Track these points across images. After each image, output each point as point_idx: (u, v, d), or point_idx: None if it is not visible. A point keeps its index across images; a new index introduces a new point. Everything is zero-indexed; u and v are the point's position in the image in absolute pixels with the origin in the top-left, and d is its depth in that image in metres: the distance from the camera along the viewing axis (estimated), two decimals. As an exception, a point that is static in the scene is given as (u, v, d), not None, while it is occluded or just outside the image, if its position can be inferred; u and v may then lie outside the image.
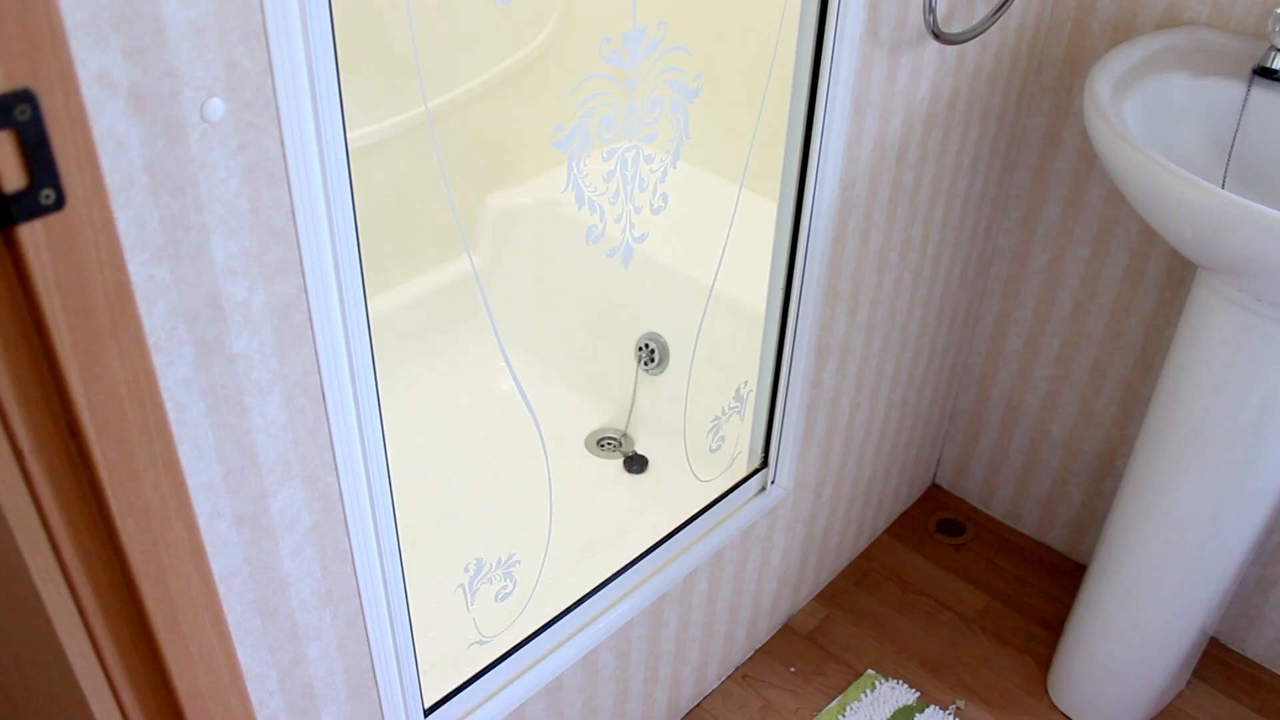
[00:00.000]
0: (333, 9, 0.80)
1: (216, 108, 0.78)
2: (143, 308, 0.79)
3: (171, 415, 0.85)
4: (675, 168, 1.18)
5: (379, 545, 1.07)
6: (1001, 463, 2.22)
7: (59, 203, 0.54)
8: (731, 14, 1.75)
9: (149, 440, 0.63)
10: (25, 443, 0.58)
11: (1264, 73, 1.51)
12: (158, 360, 0.82)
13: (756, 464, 1.72)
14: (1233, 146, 1.54)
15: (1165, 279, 1.83)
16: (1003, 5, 1.48)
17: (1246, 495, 1.55)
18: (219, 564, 0.96)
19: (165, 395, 0.83)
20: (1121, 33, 1.73)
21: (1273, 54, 1.50)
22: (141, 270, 0.79)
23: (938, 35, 1.38)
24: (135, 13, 0.71)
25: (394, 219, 1.92)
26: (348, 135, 0.86)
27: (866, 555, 2.20)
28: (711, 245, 1.59)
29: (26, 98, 0.51)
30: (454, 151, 2.00)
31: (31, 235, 0.53)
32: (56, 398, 0.58)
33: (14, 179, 0.51)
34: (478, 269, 2.06)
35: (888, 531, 2.25)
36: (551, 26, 1.92)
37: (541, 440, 1.71)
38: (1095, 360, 1.98)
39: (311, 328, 0.92)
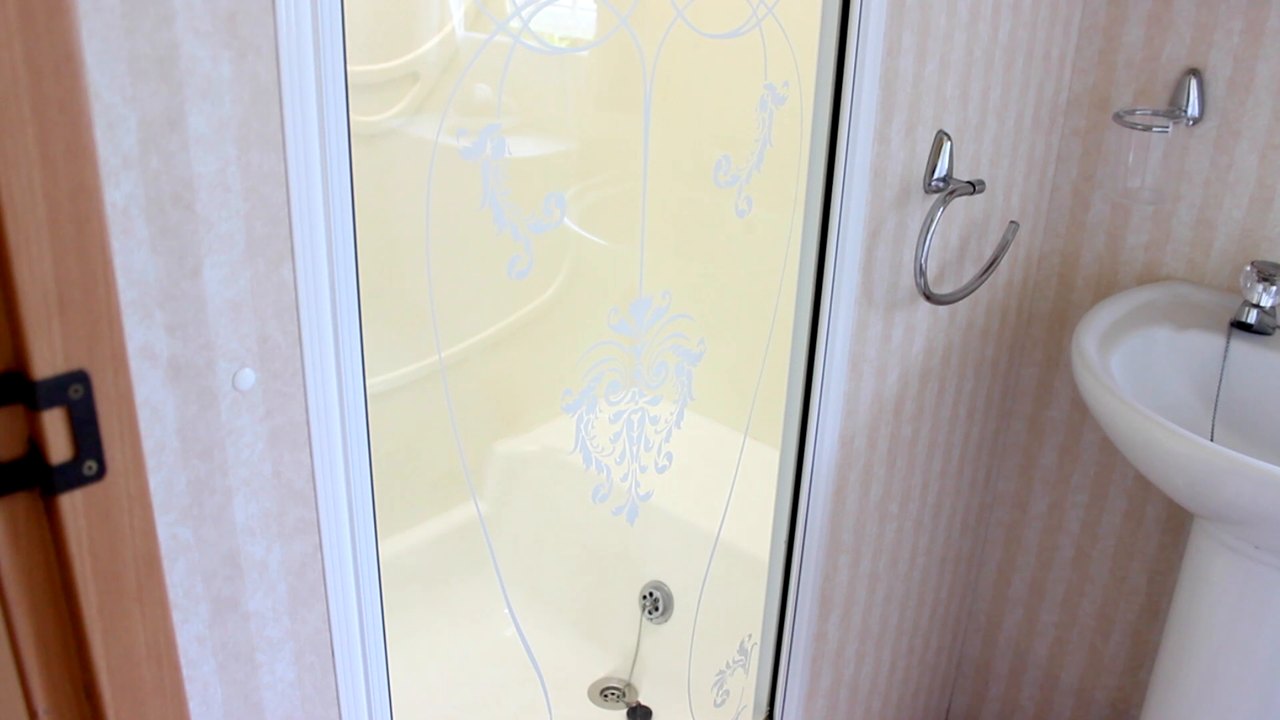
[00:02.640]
0: (359, 288, 0.86)
1: (248, 377, 0.82)
2: (165, 566, 0.82)
3: (184, 672, 0.86)
4: (679, 428, 1.22)
5: (381, 806, 1.05)
6: (1013, 712, 2.18)
7: (100, 473, 0.57)
8: (733, 280, 1.84)
9: (163, 700, 0.64)
10: (41, 704, 0.59)
11: (1241, 326, 1.58)
12: (175, 617, 0.84)
13: (762, 718, 1.69)
14: (1218, 397, 1.59)
15: (1164, 524, 1.85)
16: (990, 266, 1.56)
17: (1265, 749, 1.52)
18: (219, 828, 0.94)
19: (179, 652, 0.84)
20: (1104, 288, 1.82)
21: (1246, 309, 1.58)
22: (166, 530, 0.81)
23: (929, 297, 1.45)
24: (180, 292, 0.77)
25: (402, 464, 1.95)
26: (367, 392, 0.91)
27: (879, 812, 2.12)
28: (717, 494, 1.62)
29: (81, 378, 0.55)
30: (464, 399, 2.06)
31: (71, 504, 0.56)
32: (77, 659, 0.60)
33: (61, 452, 0.54)
34: (483, 515, 2.08)
35: (901, 786, 2.18)
36: (560, 280, 2.01)
37: (544, 690, 1.69)
38: (1101, 606, 1.98)
39: (325, 586, 0.94)
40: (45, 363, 0.53)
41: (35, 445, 0.53)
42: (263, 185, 0.80)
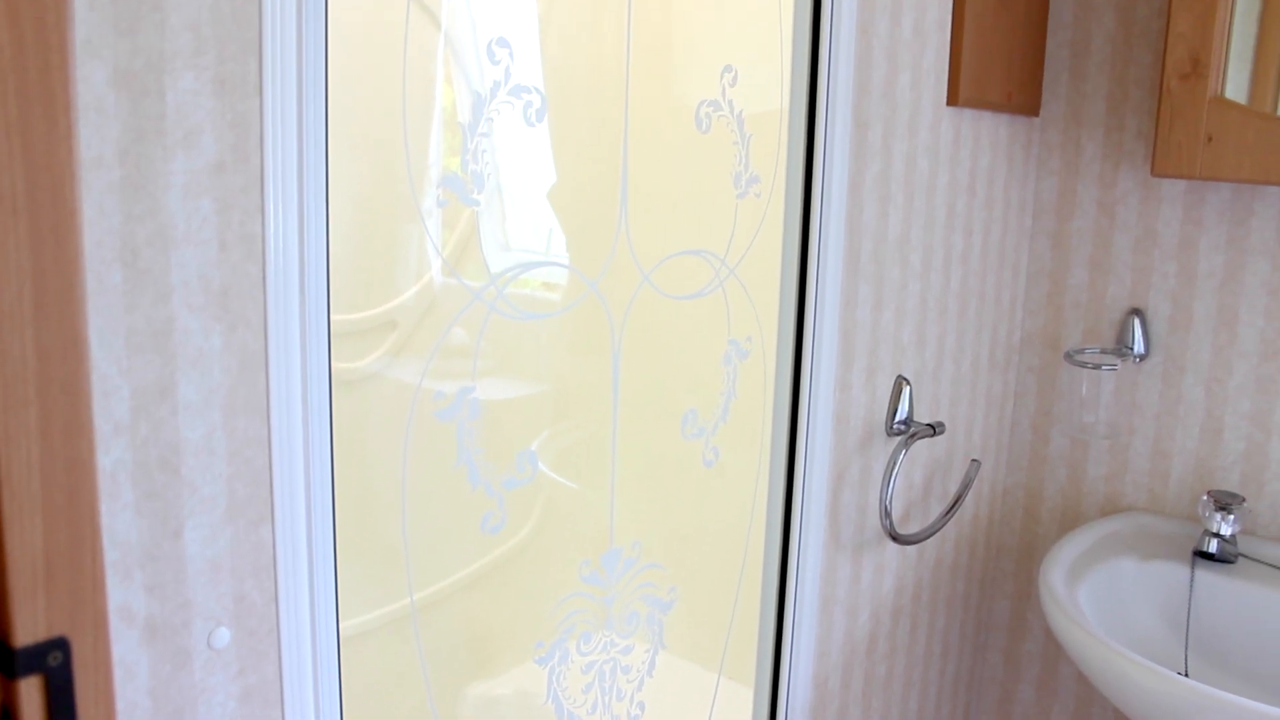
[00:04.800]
0: (336, 544, 0.88)
1: (223, 636, 0.83)
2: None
3: None
4: (651, 676, 1.22)
5: None
6: None
7: (72, 742, 0.57)
8: (703, 527, 1.87)
9: None
10: None
11: (1203, 555, 1.61)
12: None
13: None
14: (1188, 628, 1.60)
15: (1148, 762, 1.82)
16: (955, 504, 1.60)
17: None
18: None
19: None
20: (1069, 519, 1.85)
21: (1207, 538, 1.61)
22: (133, 797, 0.80)
23: (895, 538, 1.48)
24: (161, 553, 0.79)
25: (373, 707, 1.91)
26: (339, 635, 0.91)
27: None
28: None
29: (61, 644, 0.56)
30: (436, 642, 2.03)
31: (40, 773, 0.56)
32: None
33: (35, 720, 0.55)
34: (455, 763, 2.02)
35: None
36: (533, 524, 2.03)
37: None
38: None
39: None
40: (27, 631, 0.54)
41: (8, 713, 0.54)
42: (246, 449, 0.83)
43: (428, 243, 1.06)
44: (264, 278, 0.82)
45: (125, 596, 0.78)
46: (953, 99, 1.52)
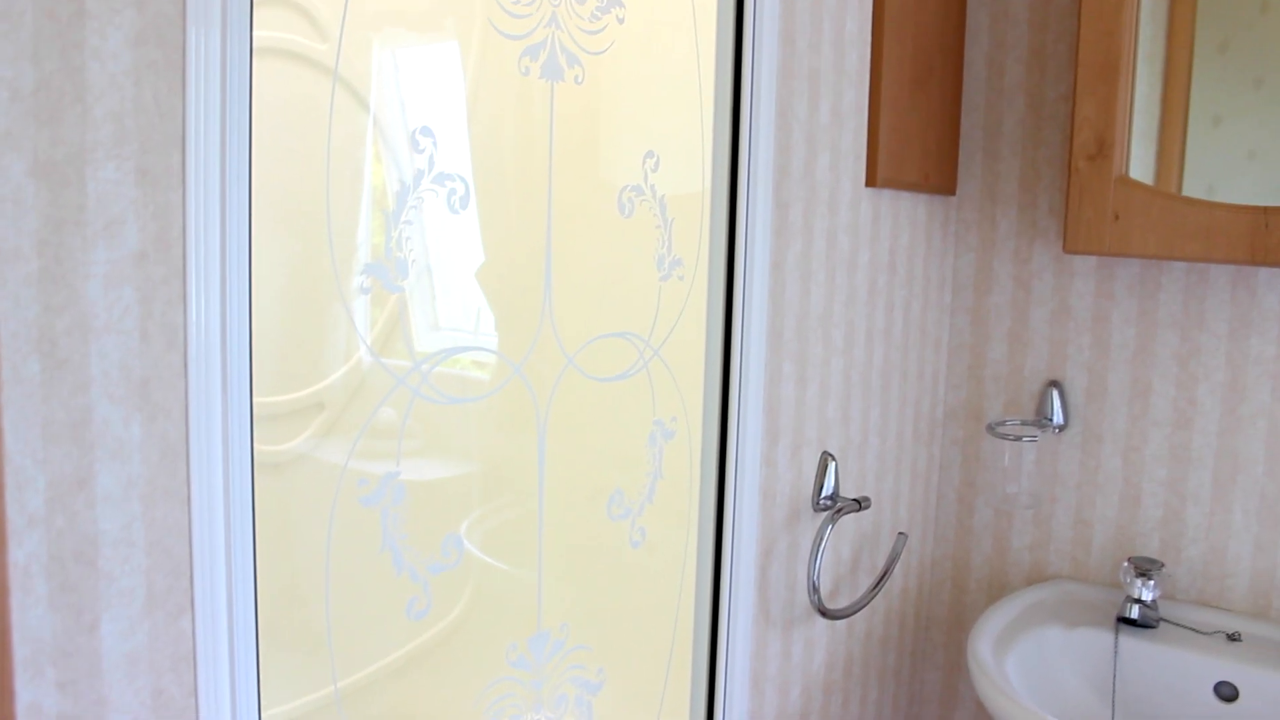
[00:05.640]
0: (259, 632, 0.87)
1: (140, 733, 0.81)
2: None
3: None
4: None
5: None
6: None
7: None
8: (631, 607, 1.87)
9: None
10: None
11: (1126, 621, 1.64)
12: None
13: None
14: (1114, 694, 1.62)
15: (1081, 831, 1.83)
16: (883, 578, 1.62)
17: None
18: None
19: None
20: (996, 589, 1.88)
21: (1129, 604, 1.64)
22: None
23: (824, 613, 1.49)
24: (75, 648, 0.77)
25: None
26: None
27: None
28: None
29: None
30: (365, 729, 1.99)
31: None
32: None
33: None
34: None
35: None
36: (461, 606, 2.00)
37: None
38: None
39: None
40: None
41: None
42: (166, 538, 0.82)
43: (355, 325, 1.07)
44: (186, 367, 0.82)
45: (35, 695, 0.76)
46: (871, 180, 1.57)
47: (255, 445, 0.92)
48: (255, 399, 0.93)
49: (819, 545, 1.48)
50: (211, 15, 0.80)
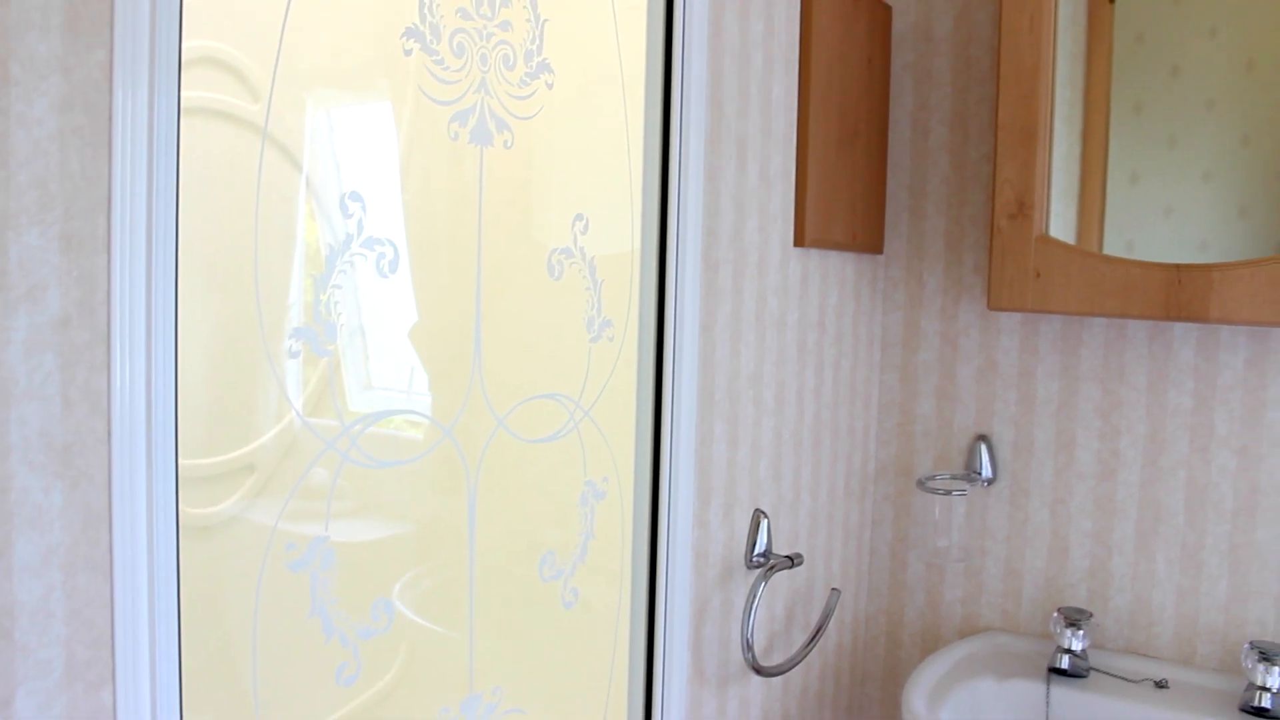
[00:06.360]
0: (182, 705, 0.85)
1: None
2: None
3: None
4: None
5: None
6: None
7: None
8: (565, 669, 1.85)
9: None
10: None
11: (1057, 671, 1.66)
12: None
13: None
14: (1048, 746, 1.64)
15: None
16: (816, 634, 1.62)
17: None
18: None
19: None
20: (930, 642, 1.89)
21: (1059, 654, 1.67)
22: None
23: (759, 670, 1.49)
24: (-10, 725, 0.75)
25: None
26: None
27: None
28: None
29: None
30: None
31: None
32: None
33: None
34: None
35: None
36: (394, 670, 1.97)
37: None
38: None
39: None
40: None
41: None
42: (87, 608, 0.81)
43: (285, 387, 1.06)
44: (109, 433, 0.81)
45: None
46: (799, 240, 1.60)
47: (183, 509, 0.91)
48: (184, 461, 0.92)
49: (752, 603, 1.49)
50: (139, 78, 0.80)
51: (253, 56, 1.00)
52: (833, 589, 1.73)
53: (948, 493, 1.81)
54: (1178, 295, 1.54)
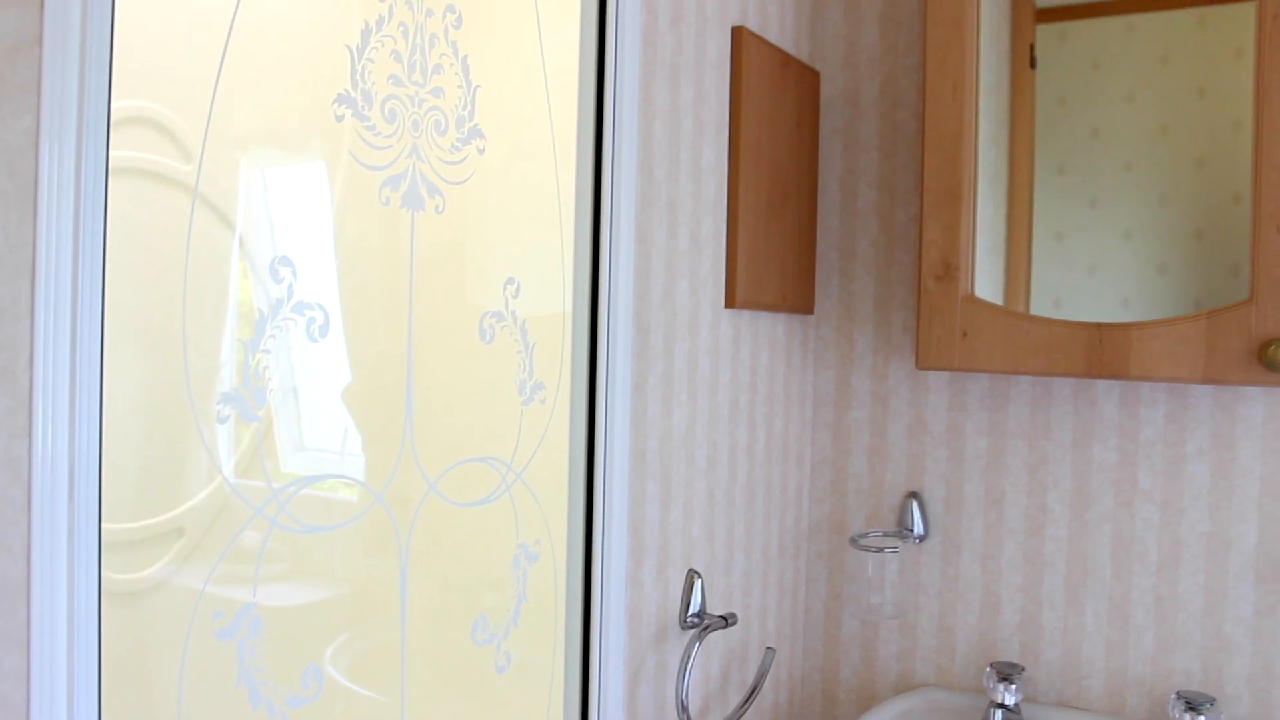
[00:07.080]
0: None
1: None
2: None
3: None
4: None
5: None
6: None
7: None
8: None
9: None
10: None
11: (992, 731, 1.67)
12: None
13: None
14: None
15: None
16: (753, 693, 1.62)
17: None
18: None
19: None
20: (865, 699, 1.90)
21: (993, 709, 1.68)
22: None
23: None
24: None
25: None
26: None
27: None
28: None
29: None
30: None
31: None
32: None
33: None
34: None
35: None
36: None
37: None
38: None
39: None
40: None
41: None
42: (0, 683, 0.79)
43: (216, 451, 1.05)
44: (29, 501, 0.80)
45: None
46: (730, 302, 1.62)
47: (109, 574, 0.89)
48: (110, 525, 0.90)
49: (687, 663, 1.48)
50: (66, 139, 0.80)
51: (185, 117, 1.00)
52: (768, 648, 1.74)
53: (880, 550, 1.82)
54: (1099, 353, 1.58)
